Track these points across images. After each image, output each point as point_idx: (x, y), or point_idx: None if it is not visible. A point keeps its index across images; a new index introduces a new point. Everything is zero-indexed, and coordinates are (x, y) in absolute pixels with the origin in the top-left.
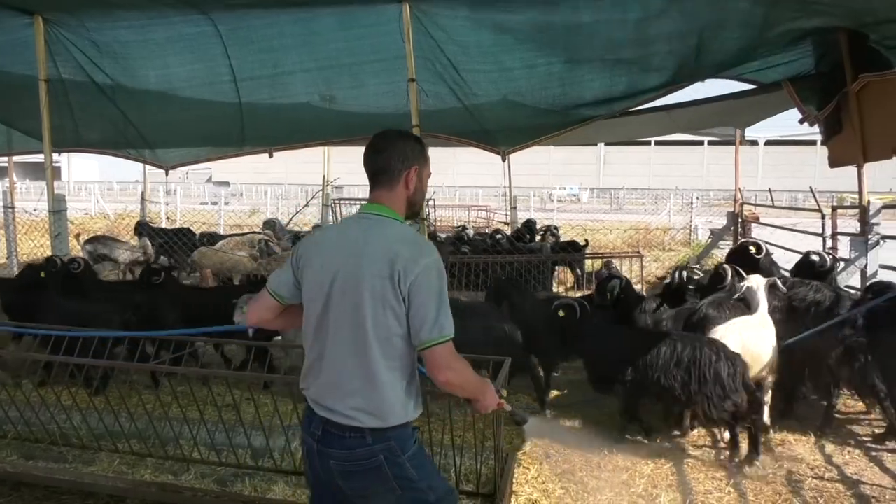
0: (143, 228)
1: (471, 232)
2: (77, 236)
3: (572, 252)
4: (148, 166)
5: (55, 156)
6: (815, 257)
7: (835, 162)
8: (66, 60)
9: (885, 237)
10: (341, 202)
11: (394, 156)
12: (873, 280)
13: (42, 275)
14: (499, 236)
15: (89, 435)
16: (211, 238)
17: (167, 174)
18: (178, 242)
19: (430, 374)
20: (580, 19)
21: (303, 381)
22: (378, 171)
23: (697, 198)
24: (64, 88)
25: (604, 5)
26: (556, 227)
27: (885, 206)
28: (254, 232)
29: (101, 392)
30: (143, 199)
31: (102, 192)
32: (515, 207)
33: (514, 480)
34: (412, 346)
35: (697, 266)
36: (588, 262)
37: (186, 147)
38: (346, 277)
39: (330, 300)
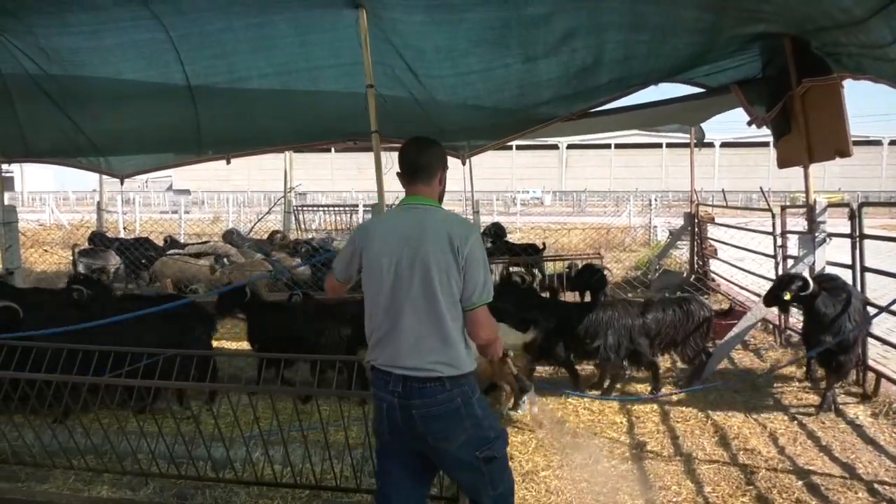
0: (97, 239)
1: None
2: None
3: (533, 254)
4: (104, 175)
5: (6, 165)
6: (517, 278)
7: (782, 163)
8: (13, 68)
9: (830, 235)
10: (304, 209)
11: (434, 157)
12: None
13: None
14: None
15: (42, 452)
16: (174, 242)
17: (122, 183)
18: (137, 252)
19: (472, 331)
20: (536, 11)
21: (371, 353)
22: (419, 168)
23: (656, 199)
24: (10, 97)
25: None
26: (500, 227)
27: (831, 205)
28: (213, 241)
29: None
30: (99, 209)
31: (58, 202)
32: (478, 212)
33: None
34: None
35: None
36: (550, 265)
37: (141, 154)
38: (411, 256)
39: (399, 278)
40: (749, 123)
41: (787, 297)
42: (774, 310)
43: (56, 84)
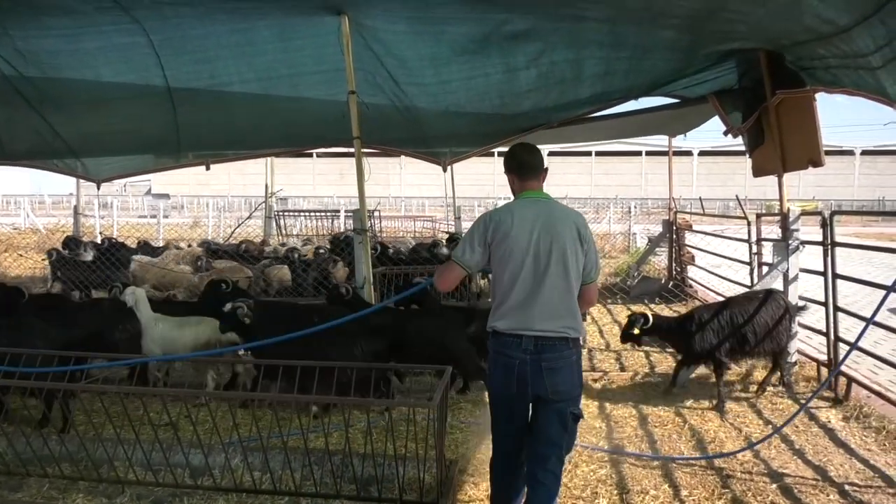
0: (72, 244)
1: (411, 243)
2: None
3: None
4: (80, 179)
5: None
6: (342, 289)
7: (758, 172)
8: None
9: (804, 242)
10: (285, 213)
11: (540, 158)
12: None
13: None
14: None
15: (15, 459)
16: (146, 247)
17: (99, 187)
18: (112, 257)
19: (588, 299)
20: (516, 28)
21: (500, 321)
22: (532, 168)
23: (636, 206)
24: None
25: (536, 18)
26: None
27: (804, 213)
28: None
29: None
30: (76, 213)
31: (33, 205)
32: (460, 218)
33: (458, 487)
34: None
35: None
36: None
37: (118, 156)
38: (546, 240)
39: (538, 259)
40: (726, 133)
41: (636, 331)
42: None
43: (33, 86)
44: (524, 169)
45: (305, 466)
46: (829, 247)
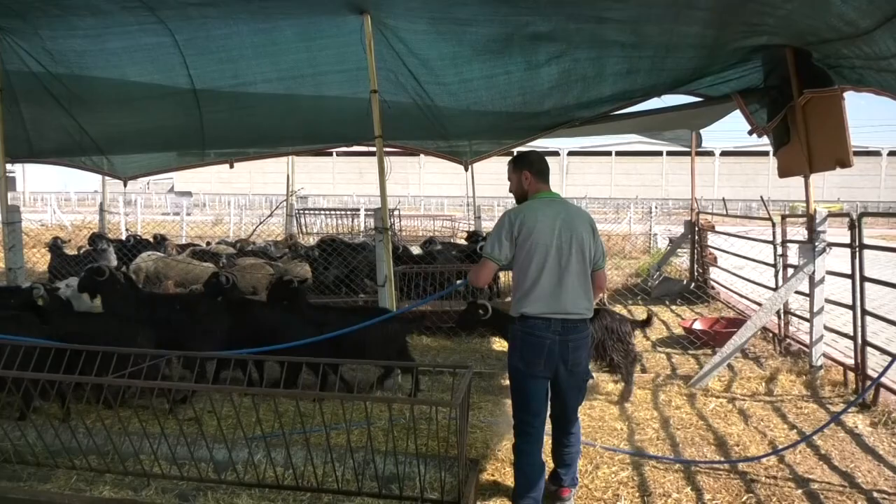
0: (97, 240)
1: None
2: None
3: None
4: (106, 177)
5: (9, 166)
6: (222, 278)
7: (783, 172)
8: (18, 69)
9: (830, 244)
10: (305, 212)
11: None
12: (821, 285)
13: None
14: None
15: (45, 452)
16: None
17: (125, 185)
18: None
19: (599, 284)
20: (538, 29)
21: (530, 306)
22: (548, 174)
23: (656, 207)
24: (15, 98)
25: (559, 19)
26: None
27: (831, 215)
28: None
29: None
30: (101, 210)
31: (60, 202)
32: (480, 217)
33: (479, 487)
34: None
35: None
36: None
37: (144, 153)
38: (567, 234)
39: (560, 251)
40: (750, 132)
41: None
42: (774, 318)
43: (61, 85)
44: (544, 173)
45: (327, 463)
46: (858, 249)
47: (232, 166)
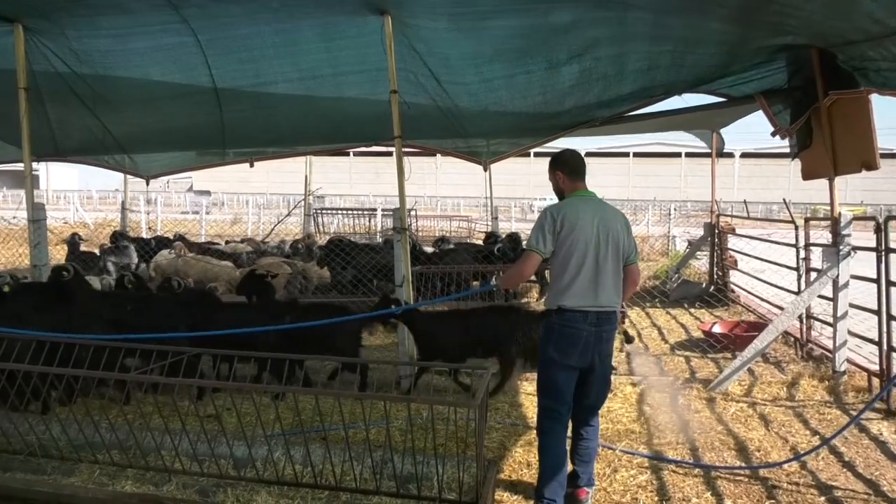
0: (120, 238)
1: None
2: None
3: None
4: (128, 175)
5: (34, 164)
6: (129, 275)
7: (807, 175)
8: (44, 69)
9: (855, 248)
10: (323, 212)
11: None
12: (845, 289)
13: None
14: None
15: (68, 446)
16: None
17: (148, 184)
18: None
19: (634, 279)
20: (560, 19)
21: (568, 300)
22: (583, 172)
23: (675, 209)
24: (41, 97)
25: (582, 7)
26: (516, 238)
27: (856, 219)
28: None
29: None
30: (123, 209)
31: (82, 200)
32: (497, 218)
33: (495, 488)
34: None
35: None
36: None
37: (166, 152)
38: (606, 233)
39: (598, 247)
40: (773, 134)
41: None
42: (796, 323)
43: (85, 85)
44: (578, 172)
45: (346, 461)
46: (884, 253)
47: (252, 165)
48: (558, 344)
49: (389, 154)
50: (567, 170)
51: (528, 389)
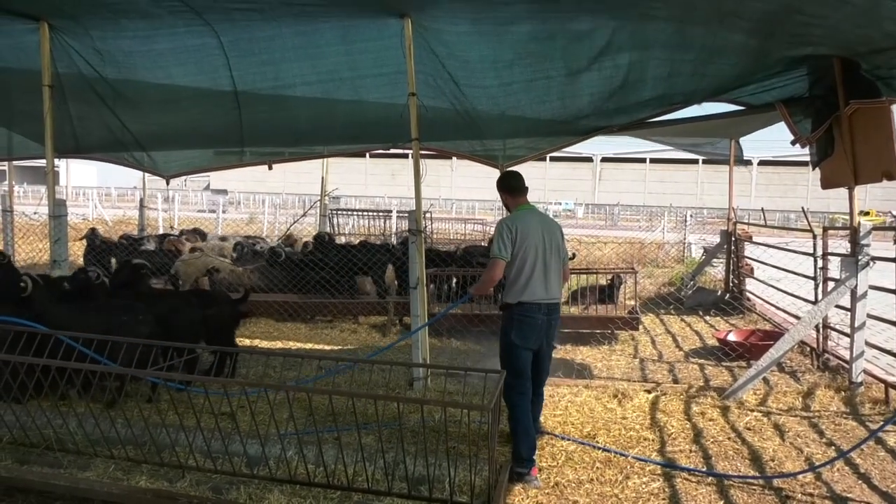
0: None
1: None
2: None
3: None
4: (147, 174)
5: (55, 160)
6: (91, 273)
7: (827, 184)
8: (67, 67)
9: (874, 258)
10: (338, 212)
11: (524, 182)
12: (863, 300)
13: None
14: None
15: (85, 440)
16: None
17: (168, 183)
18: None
19: (565, 276)
20: (581, 27)
21: (524, 295)
22: (523, 189)
23: (691, 215)
24: (64, 95)
25: (603, 16)
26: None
27: (875, 228)
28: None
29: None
30: (141, 206)
31: (100, 197)
32: None
33: (507, 492)
34: None
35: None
36: (583, 277)
37: (186, 150)
38: (548, 237)
39: (545, 251)
40: (793, 143)
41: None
42: (813, 332)
43: (108, 85)
44: (519, 190)
45: (358, 462)
46: None
47: (270, 168)
48: (519, 331)
49: (405, 156)
50: (509, 190)
51: None
